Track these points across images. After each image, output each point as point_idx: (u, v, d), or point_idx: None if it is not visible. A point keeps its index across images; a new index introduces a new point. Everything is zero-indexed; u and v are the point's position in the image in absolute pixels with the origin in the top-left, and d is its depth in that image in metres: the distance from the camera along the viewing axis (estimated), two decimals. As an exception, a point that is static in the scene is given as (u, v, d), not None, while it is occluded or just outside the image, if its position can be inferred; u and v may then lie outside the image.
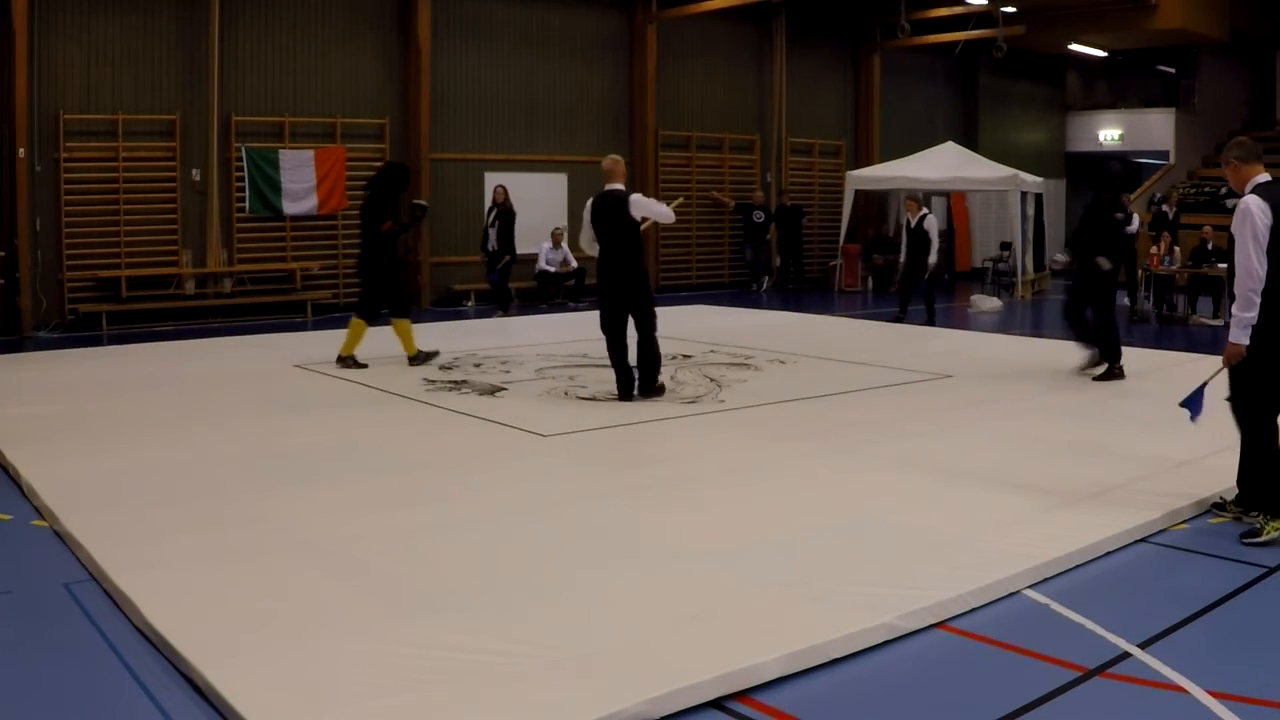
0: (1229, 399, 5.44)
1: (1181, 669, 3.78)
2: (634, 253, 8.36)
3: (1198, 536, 5.32)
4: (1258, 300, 5.14)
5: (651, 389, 8.52)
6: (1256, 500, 5.35)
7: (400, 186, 10.27)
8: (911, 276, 14.50)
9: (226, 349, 11.56)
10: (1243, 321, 5.17)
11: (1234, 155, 5.38)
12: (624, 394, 8.46)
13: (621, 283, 8.31)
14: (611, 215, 8.29)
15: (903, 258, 14.93)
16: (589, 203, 8.52)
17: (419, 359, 10.23)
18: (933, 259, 14.25)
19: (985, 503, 5.70)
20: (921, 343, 12.41)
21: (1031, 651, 3.97)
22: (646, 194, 18.31)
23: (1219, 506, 5.63)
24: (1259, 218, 5.12)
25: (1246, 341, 5.19)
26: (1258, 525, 5.28)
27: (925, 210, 14.54)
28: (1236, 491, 5.54)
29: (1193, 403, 5.69)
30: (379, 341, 10.17)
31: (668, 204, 8.85)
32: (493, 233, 14.92)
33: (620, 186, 8.39)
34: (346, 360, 10.05)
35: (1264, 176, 5.34)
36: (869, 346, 11.97)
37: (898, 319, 14.45)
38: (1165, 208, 17.43)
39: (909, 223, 14.47)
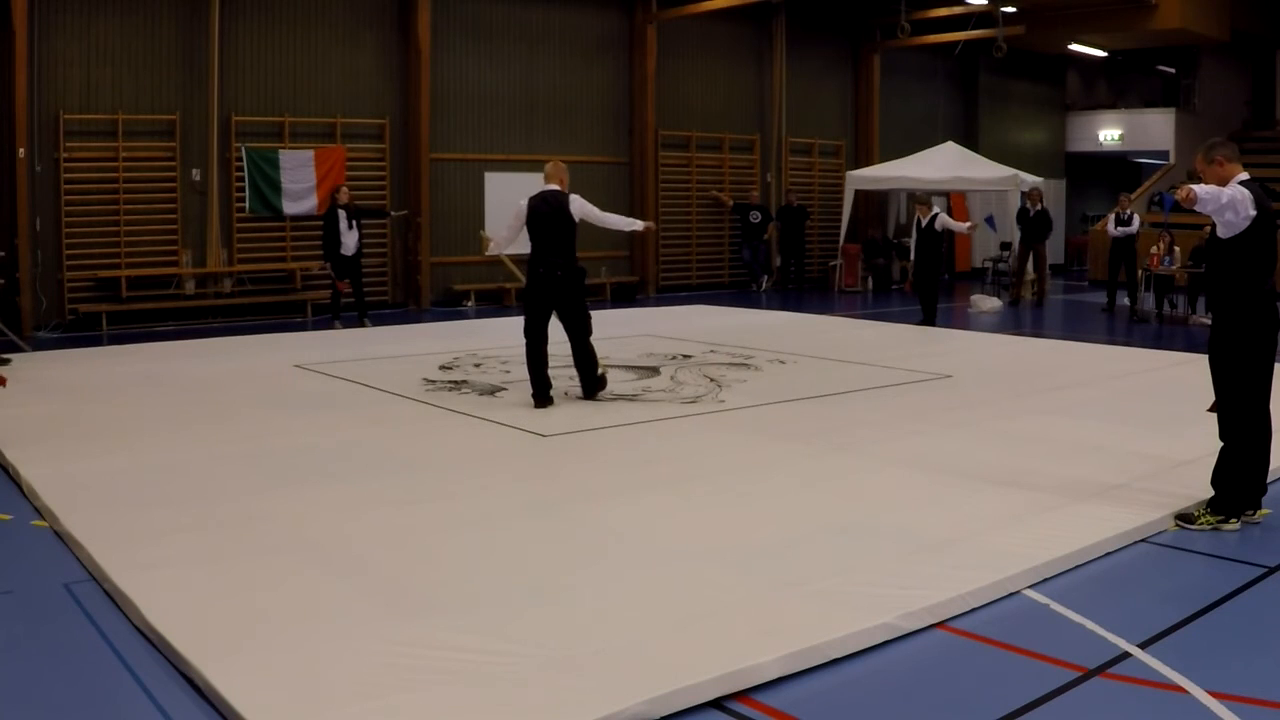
0: (1211, 409, 5.50)
1: (1181, 669, 3.77)
2: (573, 253, 8.31)
3: (1198, 536, 5.31)
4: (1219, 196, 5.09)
5: (595, 389, 8.51)
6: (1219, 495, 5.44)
7: None
8: (922, 277, 14.45)
9: (226, 349, 11.56)
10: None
11: (1222, 153, 5.47)
12: (541, 400, 8.26)
13: (564, 283, 8.24)
14: (554, 215, 8.23)
15: (912, 257, 14.92)
16: (524, 211, 8.40)
17: None
18: (967, 226, 15.04)
19: (985, 503, 5.70)
20: (921, 343, 12.41)
21: (1031, 651, 3.97)
22: (648, 195, 18.52)
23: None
24: (1242, 203, 5.17)
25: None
26: (1195, 513, 5.44)
27: (936, 210, 14.50)
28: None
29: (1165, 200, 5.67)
30: (376, 341, 10.17)
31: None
32: (352, 238, 13.65)
33: (556, 187, 8.39)
34: None
35: (1244, 175, 5.43)
36: (869, 346, 11.97)
37: (924, 323, 14.18)
38: (1028, 204, 17.48)
39: (919, 223, 14.43)
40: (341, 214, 13.62)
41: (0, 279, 12.56)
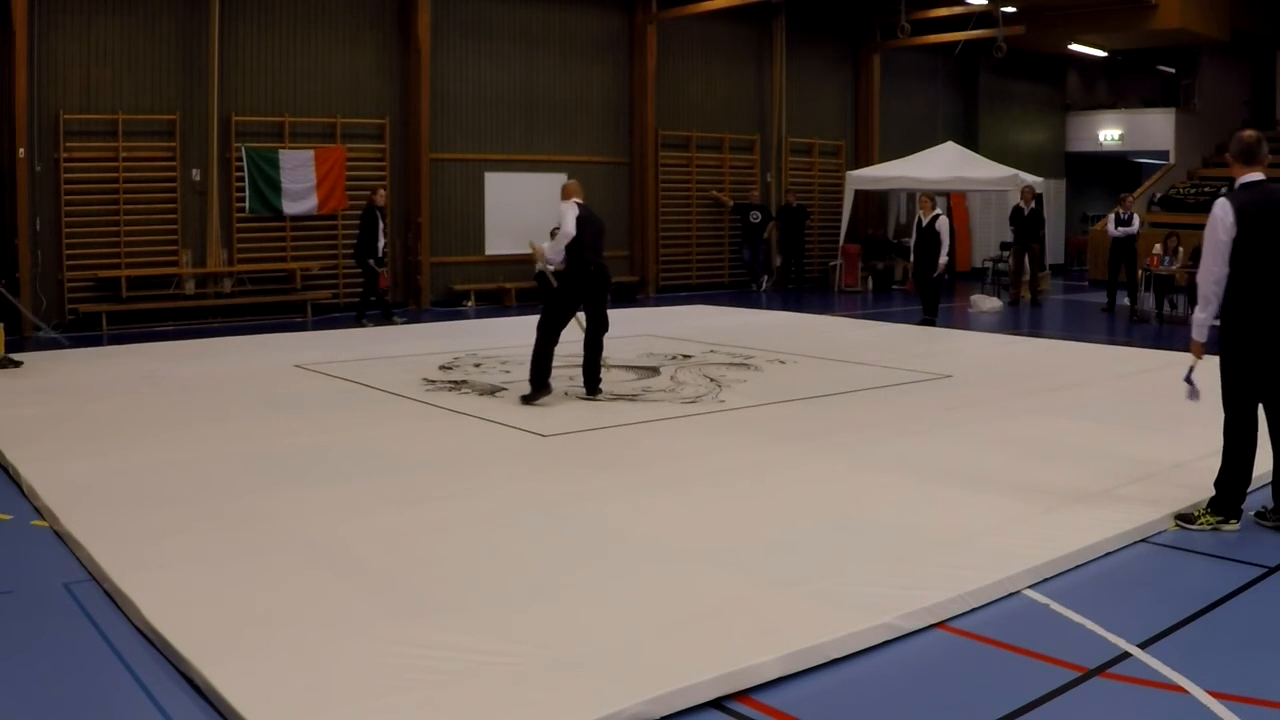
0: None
1: (1181, 669, 3.77)
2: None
3: (1198, 536, 5.32)
4: (1215, 301, 5.33)
5: (598, 387, 8.75)
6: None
7: None
8: (922, 274, 14.43)
9: (226, 349, 11.56)
10: (1199, 321, 5.46)
11: (1229, 151, 5.49)
12: (539, 391, 8.43)
13: (608, 279, 8.66)
14: (598, 224, 8.67)
15: (911, 257, 14.90)
16: (576, 214, 8.41)
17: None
18: (944, 259, 14.14)
19: (985, 503, 5.70)
20: (921, 343, 12.41)
21: (1031, 651, 3.97)
22: (648, 194, 18.51)
23: (1261, 515, 5.52)
24: (1220, 221, 5.24)
25: (1204, 339, 5.49)
26: (1195, 513, 5.46)
27: (938, 211, 14.45)
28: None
29: (1191, 387, 5.77)
30: (376, 341, 10.17)
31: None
32: (382, 240, 14.15)
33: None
34: None
35: (1252, 176, 5.35)
36: (869, 346, 11.97)
37: (926, 322, 14.17)
38: (1021, 203, 17.46)
39: (920, 221, 14.41)
40: (378, 215, 14.01)
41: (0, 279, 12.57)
